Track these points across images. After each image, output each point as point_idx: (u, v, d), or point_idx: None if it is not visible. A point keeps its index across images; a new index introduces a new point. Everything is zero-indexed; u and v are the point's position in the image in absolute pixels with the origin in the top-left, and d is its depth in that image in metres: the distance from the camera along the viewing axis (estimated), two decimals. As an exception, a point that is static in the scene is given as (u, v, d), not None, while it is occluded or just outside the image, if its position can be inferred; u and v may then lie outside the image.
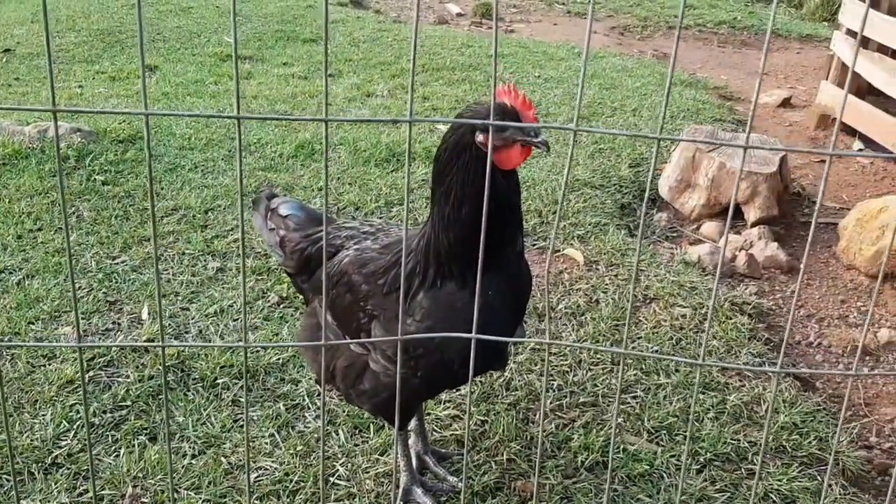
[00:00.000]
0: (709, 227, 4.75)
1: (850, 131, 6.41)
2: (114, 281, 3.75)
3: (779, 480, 2.67)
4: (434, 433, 2.85)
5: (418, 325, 2.09)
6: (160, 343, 1.28)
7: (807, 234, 4.84)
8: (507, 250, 2.08)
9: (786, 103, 7.56)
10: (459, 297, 2.06)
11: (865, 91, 6.68)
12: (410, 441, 2.67)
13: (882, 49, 6.26)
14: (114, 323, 3.45)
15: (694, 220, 4.88)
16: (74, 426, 2.82)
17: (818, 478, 2.72)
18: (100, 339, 3.31)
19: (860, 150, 6.21)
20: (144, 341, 3.32)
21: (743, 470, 2.73)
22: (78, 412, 2.88)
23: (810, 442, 2.86)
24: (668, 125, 6.18)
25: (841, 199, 5.31)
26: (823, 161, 5.98)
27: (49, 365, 3.12)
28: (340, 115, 6.47)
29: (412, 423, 2.62)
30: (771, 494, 2.62)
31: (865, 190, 5.50)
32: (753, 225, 4.70)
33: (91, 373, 3.10)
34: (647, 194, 1.62)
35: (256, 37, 9.09)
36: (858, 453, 2.90)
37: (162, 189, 4.70)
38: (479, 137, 1.98)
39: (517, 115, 1.95)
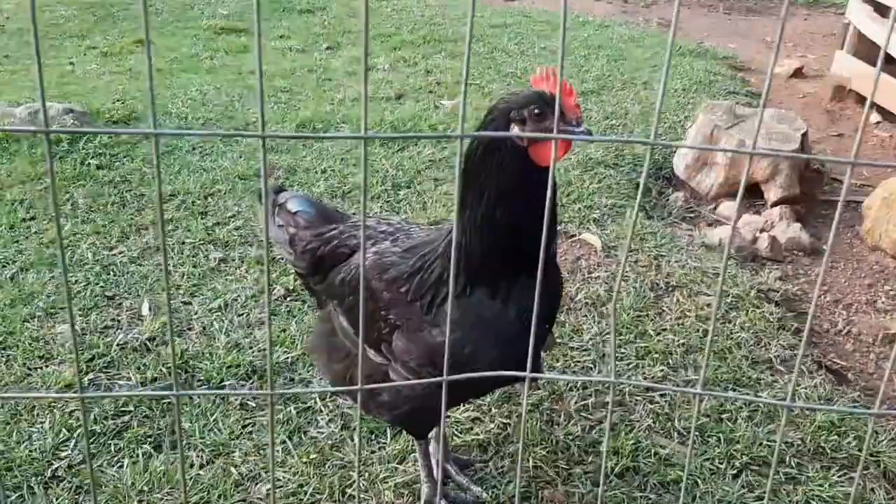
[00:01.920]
0: (727, 207, 4.58)
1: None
2: (111, 274, 3.58)
3: (819, 486, 2.53)
4: (454, 437, 2.71)
5: (444, 336, 1.92)
6: (173, 391, 1.11)
7: (829, 212, 4.68)
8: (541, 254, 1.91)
9: (798, 73, 7.35)
10: (490, 306, 1.90)
11: (873, 59, 6.49)
12: (431, 449, 2.53)
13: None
14: (113, 320, 3.28)
15: (711, 200, 4.71)
16: (75, 435, 2.66)
17: (861, 482, 2.58)
18: (98, 337, 3.15)
19: (877, 122, 6.02)
20: (146, 339, 3.16)
21: (781, 474, 2.59)
22: (78, 419, 2.72)
23: (849, 442, 2.72)
24: (682, 98, 5.98)
25: (861, 176, 5.14)
26: (841, 135, 5.81)
27: (46, 367, 2.97)
28: (340, 89, 6.27)
29: (432, 430, 2.47)
30: (812, 502, 2.48)
31: (886, 166, 5.32)
32: (774, 205, 4.54)
33: (90, 375, 2.94)
34: (637, 201, 1.44)
35: (251, 8, 8.81)
36: (899, 453, 2.77)
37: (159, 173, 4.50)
38: (515, 130, 1.81)
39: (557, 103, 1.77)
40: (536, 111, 1.79)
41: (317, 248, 2.33)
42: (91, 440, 2.65)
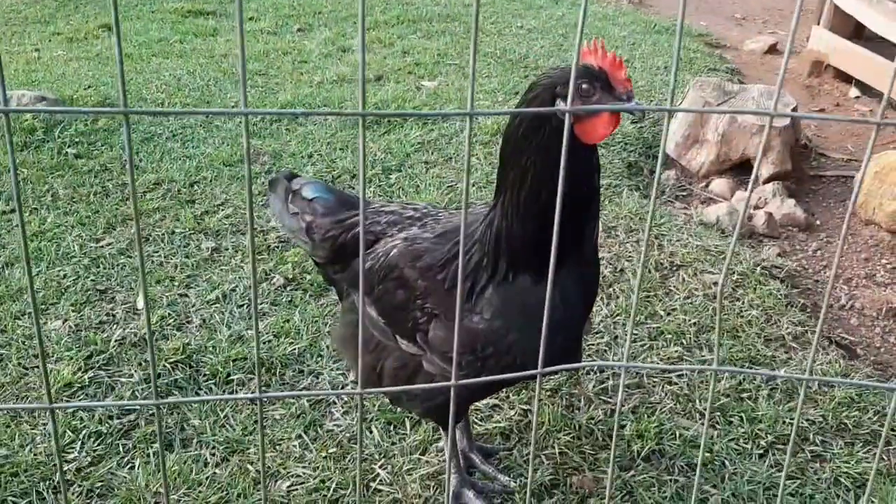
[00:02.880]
0: (719, 185, 4.56)
1: (845, 77, 6.26)
2: (101, 266, 3.44)
3: (846, 462, 2.52)
4: (475, 426, 2.64)
5: (488, 324, 1.86)
6: (153, 401, 1.03)
7: (819, 187, 4.69)
8: (583, 239, 1.85)
9: (772, 49, 7.38)
10: (534, 292, 1.83)
11: (852, 35, 6.53)
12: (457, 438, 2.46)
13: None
14: (108, 314, 3.15)
15: (703, 178, 4.70)
16: (81, 436, 2.55)
17: (885, 458, 2.58)
18: (94, 333, 3.02)
19: (856, 96, 6.06)
20: (145, 334, 3.04)
21: (807, 452, 2.57)
22: (82, 420, 2.61)
23: (870, 417, 2.72)
24: (665, 76, 5.96)
25: (846, 150, 5.16)
26: (822, 110, 5.83)
27: (43, 367, 2.83)
28: (317, 72, 6.13)
29: (460, 421, 2.41)
30: (841, 479, 2.47)
31: (869, 138, 5.35)
32: (766, 181, 4.53)
33: (90, 373, 2.82)
34: (654, 188, 1.39)
35: (218, -11, 8.59)
36: (918, 426, 2.77)
37: (140, 161, 4.36)
38: (561, 106, 1.73)
39: (606, 77, 1.71)
40: (584, 85, 1.72)
41: (337, 235, 2.24)
42: (97, 441, 2.54)
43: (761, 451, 2.57)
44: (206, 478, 2.42)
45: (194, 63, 6.19)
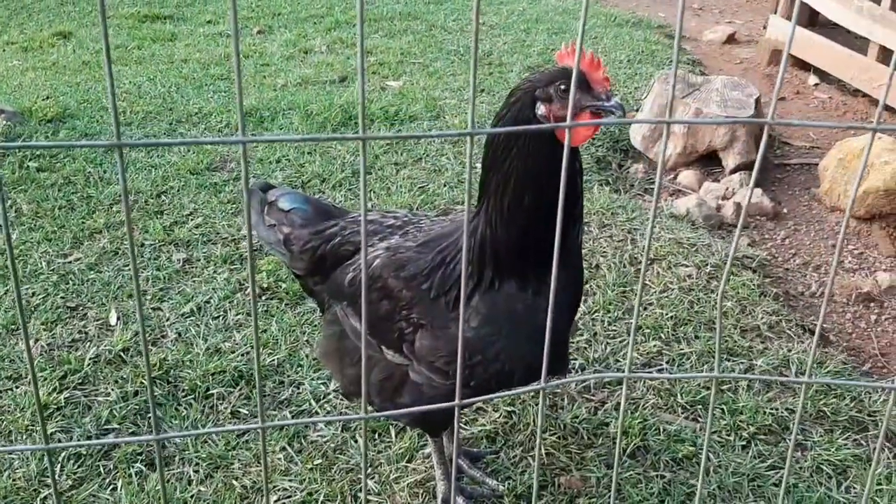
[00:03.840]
0: (687, 176, 4.61)
1: (804, 65, 6.35)
2: (71, 283, 3.37)
3: (826, 450, 2.56)
4: (461, 430, 2.64)
5: (475, 332, 1.85)
6: (153, 436, 1.01)
7: (784, 176, 4.76)
8: (569, 242, 1.85)
9: (731, 39, 7.46)
10: (521, 298, 1.83)
11: (807, 22, 6.63)
12: (444, 444, 2.45)
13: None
14: (80, 332, 3.09)
15: (670, 170, 4.74)
16: (60, 458, 2.50)
17: (863, 443, 2.63)
18: (67, 352, 2.96)
19: (816, 84, 6.16)
20: (119, 350, 2.98)
21: (788, 441, 2.61)
22: (60, 441, 2.55)
23: (847, 404, 2.77)
24: (628, 70, 5.99)
25: (808, 138, 5.23)
26: (784, 99, 5.91)
27: (17, 388, 2.78)
28: (281, 74, 6.07)
29: (447, 428, 2.40)
30: (822, 466, 2.51)
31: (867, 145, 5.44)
32: (732, 171, 4.59)
33: (65, 393, 2.76)
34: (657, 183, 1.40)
35: (174, -7, 8.47)
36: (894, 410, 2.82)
37: (105, 172, 4.28)
38: (541, 110, 1.73)
39: (584, 77, 1.71)
40: (563, 87, 1.72)
41: (317, 246, 2.21)
42: (77, 464, 2.49)
43: (744, 443, 2.60)
44: (191, 496, 2.39)
45: (154, 69, 6.09)
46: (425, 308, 1.90)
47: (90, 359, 2.91)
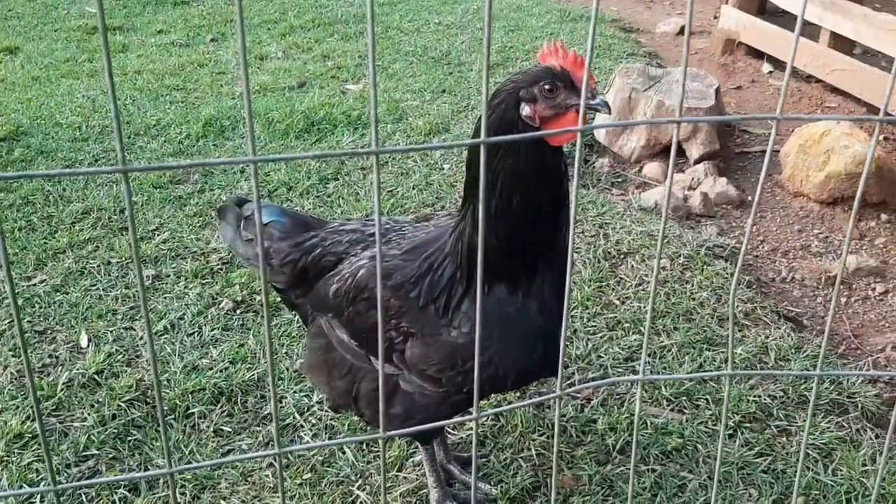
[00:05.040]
0: (651, 168, 4.64)
1: (757, 53, 6.44)
2: (37, 306, 3.28)
3: (811, 434, 2.59)
4: (449, 435, 2.62)
5: (467, 338, 1.83)
6: (167, 469, 0.98)
7: (746, 164, 4.82)
8: (557, 244, 1.84)
9: (683, 31, 7.54)
10: (511, 301, 1.82)
11: (757, 11, 6.73)
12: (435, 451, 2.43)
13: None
14: (50, 356, 3.01)
15: (635, 163, 4.76)
16: (41, 485, 2.42)
17: (845, 425, 2.67)
18: (39, 377, 2.88)
19: (770, 72, 6.25)
20: (93, 373, 2.91)
21: (773, 427, 2.64)
22: (38, 472, 2.48)
23: (827, 387, 2.81)
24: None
25: (767, 125, 5.31)
26: (740, 88, 5.99)
27: (-12, 419, 2.69)
28: (238, 82, 5.98)
29: (439, 436, 2.38)
30: (808, 451, 2.54)
31: (787, 112, 5.53)
32: (697, 162, 4.63)
33: (40, 421, 2.67)
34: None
35: (121, 4, 8.30)
36: (870, 391, 2.87)
37: (64, 191, 4.17)
38: (526, 110, 1.72)
39: (569, 76, 1.70)
40: (547, 87, 1.71)
41: (297, 259, 2.18)
42: (59, 494, 2.41)
43: (730, 432, 2.62)
44: (180, 519, 2.34)
45: (107, 82, 5.95)
46: (415, 316, 1.88)
47: (63, 384, 2.84)
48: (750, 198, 4.42)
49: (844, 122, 4.40)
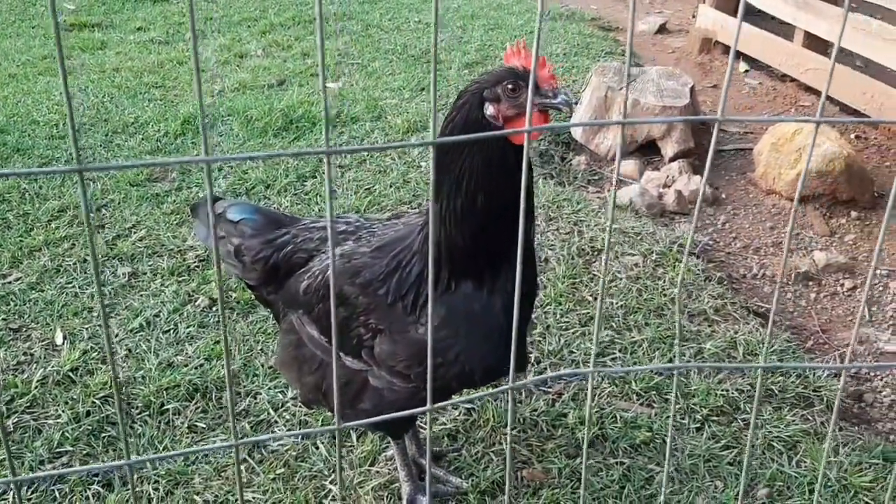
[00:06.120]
0: (627, 166, 4.69)
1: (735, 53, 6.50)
2: (12, 304, 3.28)
3: (777, 427, 2.65)
4: (421, 429, 2.65)
5: (435, 334, 1.86)
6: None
7: (720, 162, 4.88)
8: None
9: (662, 29, 7.60)
10: (477, 298, 1.85)
11: (735, 10, 6.79)
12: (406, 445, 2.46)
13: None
14: (25, 354, 3.01)
15: (611, 160, 4.81)
16: (10, 485, 2.43)
17: (810, 418, 2.72)
18: (13, 375, 2.89)
19: (746, 71, 6.32)
20: (68, 371, 2.92)
21: (739, 420, 2.69)
22: (3, 475, 2.48)
23: (793, 381, 2.86)
24: (566, 63, 6.06)
25: (742, 124, 5.37)
26: (717, 86, 6.06)
27: (-38, 417, 2.69)
28: (217, 80, 5.98)
29: (409, 430, 2.41)
30: (773, 443, 2.59)
31: (762, 111, 5.61)
32: (672, 160, 4.68)
33: (14, 418, 2.69)
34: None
35: (100, 1, 8.27)
36: (836, 385, 2.92)
37: (41, 188, 4.17)
38: (490, 110, 1.75)
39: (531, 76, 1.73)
40: (510, 87, 1.74)
41: (269, 256, 2.20)
42: (30, 489, 2.43)
43: (698, 425, 2.67)
44: (153, 514, 2.35)
45: (85, 79, 5.94)
46: (383, 313, 1.91)
47: (37, 381, 2.84)
48: (723, 195, 4.48)
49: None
